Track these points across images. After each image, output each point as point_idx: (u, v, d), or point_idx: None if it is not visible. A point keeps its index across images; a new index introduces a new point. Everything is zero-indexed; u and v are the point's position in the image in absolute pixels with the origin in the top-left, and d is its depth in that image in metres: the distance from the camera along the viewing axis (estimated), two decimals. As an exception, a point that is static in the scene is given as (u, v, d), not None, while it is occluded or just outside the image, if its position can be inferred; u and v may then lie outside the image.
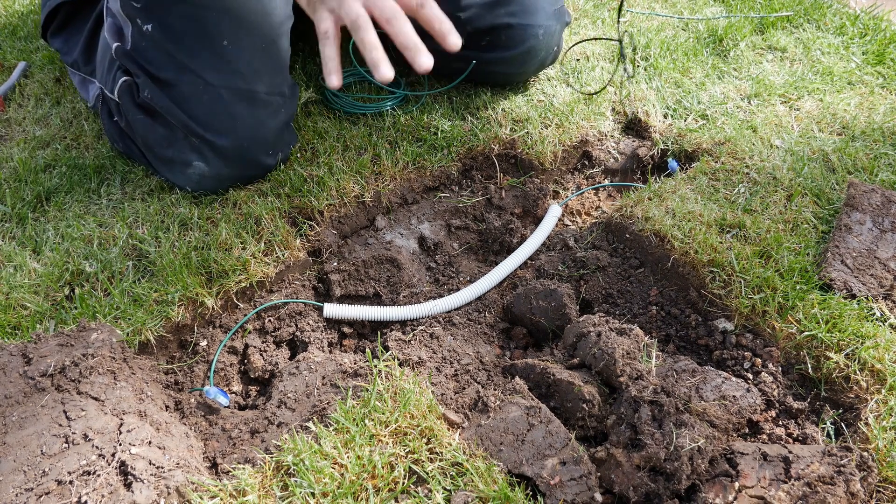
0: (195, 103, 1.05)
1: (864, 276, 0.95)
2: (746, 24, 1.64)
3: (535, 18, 1.28)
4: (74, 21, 1.39)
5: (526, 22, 1.27)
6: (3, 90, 1.45)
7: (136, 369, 0.83)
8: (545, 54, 1.34)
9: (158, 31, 1.05)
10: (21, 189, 1.15)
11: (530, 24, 1.27)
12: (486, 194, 1.22)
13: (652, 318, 1.00)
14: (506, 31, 1.28)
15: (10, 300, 0.93)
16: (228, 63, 1.06)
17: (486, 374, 0.93)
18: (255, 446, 0.81)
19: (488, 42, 1.29)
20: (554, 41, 1.34)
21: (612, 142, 1.34)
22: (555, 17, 1.31)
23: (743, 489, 0.71)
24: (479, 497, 0.70)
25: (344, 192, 1.13)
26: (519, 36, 1.28)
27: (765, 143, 1.24)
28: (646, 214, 1.08)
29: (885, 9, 1.69)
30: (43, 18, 1.43)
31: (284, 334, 1.02)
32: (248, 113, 1.08)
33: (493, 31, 1.28)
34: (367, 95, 1.36)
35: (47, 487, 0.64)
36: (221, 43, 1.06)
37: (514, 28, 1.27)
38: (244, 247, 1.02)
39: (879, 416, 0.80)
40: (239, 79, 1.07)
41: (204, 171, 1.09)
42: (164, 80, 1.06)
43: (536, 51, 1.31)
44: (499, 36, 1.28)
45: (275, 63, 1.13)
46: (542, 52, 1.32)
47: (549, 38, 1.32)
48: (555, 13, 1.31)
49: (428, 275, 1.13)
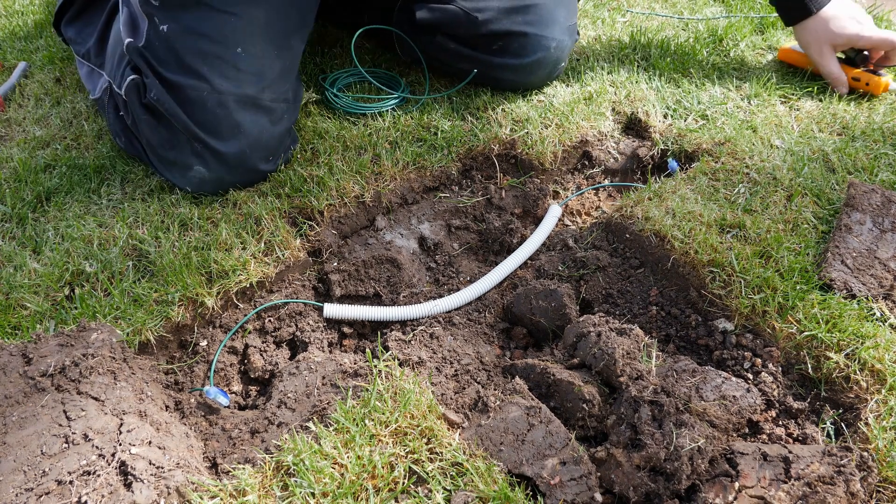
0: (200, 108, 1.05)
1: (864, 276, 0.95)
2: (746, 24, 1.64)
3: (551, 31, 1.29)
4: (90, 10, 1.40)
5: (542, 33, 1.28)
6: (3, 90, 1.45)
7: (136, 369, 0.83)
8: (552, 68, 1.35)
9: (174, 32, 1.05)
10: (21, 189, 1.15)
11: (545, 36, 1.28)
12: (486, 194, 1.22)
13: (652, 318, 1.00)
14: (520, 38, 1.28)
15: (10, 300, 0.93)
16: (238, 70, 1.07)
17: (486, 374, 0.93)
18: (255, 446, 0.81)
19: (500, 47, 1.30)
20: (563, 56, 1.35)
21: (612, 142, 1.34)
22: (568, 32, 1.32)
23: (743, 489, 0.71)
24: (479, 497, 0.70)
25: (344, 192, 1.13)
26: (532, 45, 1.29)
27: (765, 143, 1.24)
28: (646, 214, 1.08)
29: (885, 9, 1.69)
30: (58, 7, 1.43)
31: (284, 334, 1.02)
32: (252, 120, 1.08)
33: (507, 37, 1.29)
34: (367, 95, 1.36)
35: (47, 487, 0.64)
36: (235, 50, 1.06)
37: (528, 37, 1.28)
38: (244, 247, 1.03)
39: (879, 416, 0.80)
40: (246, 86, 1.07)
41: (204, 175, 1.09)
42: (172, 82, 1.06)
43: (546, 63, 1.32)
44: (512, 42, 1.29)
45: (284, 70, 1.13)
46: (551, 65, 1.34)
47: (560, 53, 1.33)
48: (569, 28, 1.33)
49: (428, 275, 1.13)
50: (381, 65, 1.50)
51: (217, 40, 1.06)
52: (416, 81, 1.45)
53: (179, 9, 1.05)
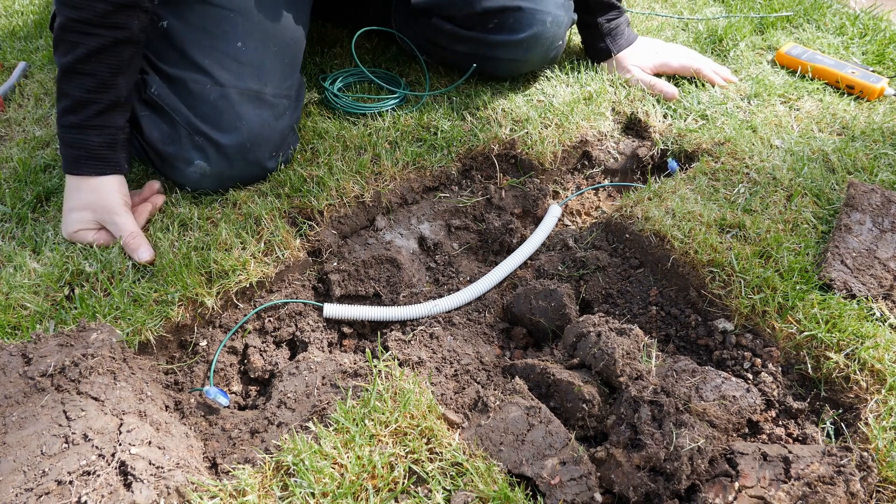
0: (202, 101, 1.06)
1: (863, 276, 0.95)
2: (746, 24, 1.64)
3: (545, 5, 1.29)
4: None
5: (536, 7, 1.29)
6: (3, 90, 1.45)
7: (136, 369, 0.83)
8: (549, 44, 1.34)
9: (174, 27, 1.07)
10: (21, 189, 1.15)
11: (539, 10, 1.29)
12: (486, 194, 1.22)
13: (652, 318, 1.00)
14: (515, 13, 1.28)
15: (10, 300, 0.93)
16: (240, 64, 1.08)
17: (486, 374, 0.93)
18: (254, 446, 0.81)
19: (496, 24, 1.30)
20: (560, 33, 1.34)
21: (612, 142, 1.34)
22: (563, 7, 1.32)
23: (743, 489, 0.71)
24: (479, 497, 0.70)
25: (344, 192, 1.13)
26: (527, 19, 1.29)
27: (765, 143, 1.24)
28: (646, 214, 1.08)
29: (884, 9, 1.69)
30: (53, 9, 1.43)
31: (284, 334, 1.02)
32: (255, 113, 1.09)
33: (502, 13, 1.29)
34: (368, 95, 1.36)
35: (47, 487, 0.64)
36: (236, 44, 1.08)
37: (523, 11, 1.28)
38: (244, 247, 1.02)
39: (879, 416, 0.80)
40: (248, 79, 1.08)
41: (205, 170, 1.09)
42: (174, 76, 1.07)
43: (543, 38, 1.32)
44: (507, 18, 1.29)
45: (285, 67, 1.14)
46: (548, 41, 1.33)
47: (556, 28, 1.32)
48: (564, 4, 1.33)
49: (428, 275, 1.13)
50: (381, 64, 1.50)
51: (217, 35, 1.07)
52: (416, 81, 1.45)
53: (178, 4, 1.06)
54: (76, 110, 0.99)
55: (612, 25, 1.44)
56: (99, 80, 0.99)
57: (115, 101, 1.01)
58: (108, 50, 0.98)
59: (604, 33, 1.43)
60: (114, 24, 0.97)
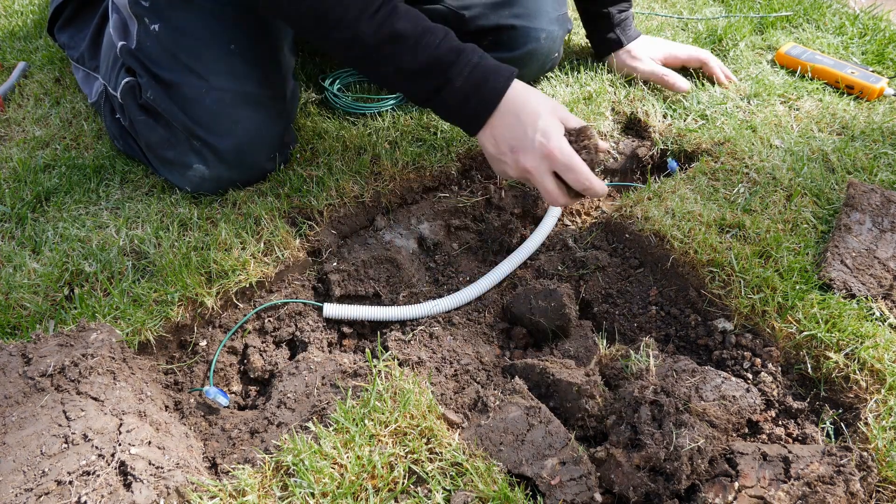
0: (197, 105, 1.05)
1: (863, 276, 0.95)
2: (746, 24, 1.64)
3: (539, 22, 1.29)
4: (81, 15, 1.40)
5: (529, 24, 1.28)
6: (3, 90, 1.44)
7: (136, 369, 0.83)
8: (545, 59, 1.35)
9: (165, 32, 1.06)
10: (21, 189, 1.15)
11: (533, 27, 1.28)
12: (486, 194, 1.22)
13: (652, 318, 1.00)
14: (509, 31, 1.28)
15: (10, 300, 0.93)
16: (233, 66, 1.07)
17: (486, 374, 0.93)
18: (254, 446, 0.81)
19: (490, 42, 1.30)
20: (555, 47, 1.35)
21: (612, 142, 1.34)
22: (557, 22, 1.32)
23: (743, 489, 0.71)
24: (479, 497, 0.70)
25: (343, 192, 1.13)
26: (521, 38, 1.29)
27: (764, 143, 1.24)
28: (645, 214, 1.08)
29: (884, 9, 1.69)
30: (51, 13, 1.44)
31: (284, 334, 1.02)
32: (250, 116, 1.08)
33: (496, 32, 1.29)
34: (368, 95, 1.36)
35: (47, 487, 0.64)
36: (228, 47, 1.07)
37: (517, 29, 1.28)
38: (244, 247, 1.02)
39: (879, 415, 0.80)
40: (243, 82, 1.08)
41: (204, 174, 1.09)
42: (168, 80, 1.06)
43: (538, 54, 1.32)
44: (501, 36, 1.29)
45: (279, 68, 1.13)
46: (543, 56, 1.33)
47: (551, 43, 1.33)
48: (558, 18, 1.32)
49: (427, 275, 1.13)
50: (381, 65, 1.50)
51: (209, 38, 1.06)
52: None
53: (168, 8, 1.05)
54: (428, 71, 0.94)
55: (623, 17, 1.42)
56: (411, 37, 0.94)
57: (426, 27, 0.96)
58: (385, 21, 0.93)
59: (615, 24, 1.41)
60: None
